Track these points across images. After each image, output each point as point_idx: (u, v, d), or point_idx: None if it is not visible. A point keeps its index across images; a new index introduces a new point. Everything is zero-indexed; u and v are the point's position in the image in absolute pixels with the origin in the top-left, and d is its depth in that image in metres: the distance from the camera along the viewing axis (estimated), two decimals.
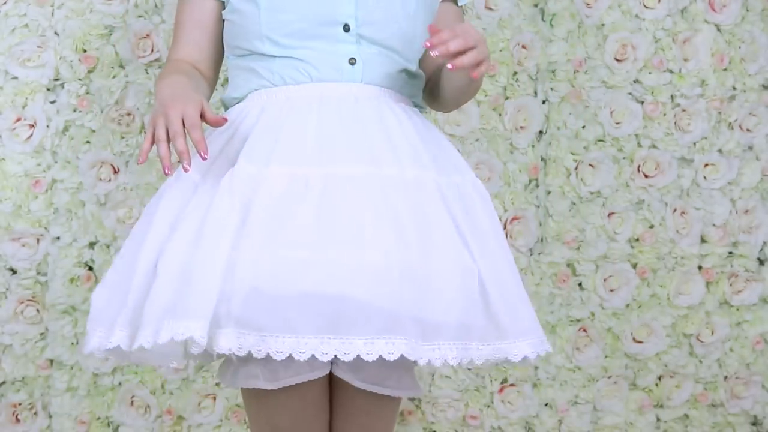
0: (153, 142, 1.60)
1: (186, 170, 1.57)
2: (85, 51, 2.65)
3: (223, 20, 1.86)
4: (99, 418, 2.72)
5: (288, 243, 1.55)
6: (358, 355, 1.53)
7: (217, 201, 1.60)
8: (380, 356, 1.52)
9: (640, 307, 2.88)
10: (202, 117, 1.60)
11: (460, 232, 1.65)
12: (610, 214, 2.85)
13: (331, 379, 1.79)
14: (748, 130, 2.91)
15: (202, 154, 1.56)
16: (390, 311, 1.52)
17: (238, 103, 1.83)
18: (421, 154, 1.71)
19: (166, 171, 1.57)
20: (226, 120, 1.63)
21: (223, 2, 1.85)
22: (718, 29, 2.88)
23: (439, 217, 1.65)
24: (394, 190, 1.63)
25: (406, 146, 1.70)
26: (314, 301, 1.52)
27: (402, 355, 1.54)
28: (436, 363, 1.56)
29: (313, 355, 1.52)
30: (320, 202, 1.58)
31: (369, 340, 1.51)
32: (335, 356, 1.54)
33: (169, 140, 1.58)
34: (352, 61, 1.76)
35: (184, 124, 1.57)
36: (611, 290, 2.86)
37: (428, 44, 1.60)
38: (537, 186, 2.83)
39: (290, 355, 1.53)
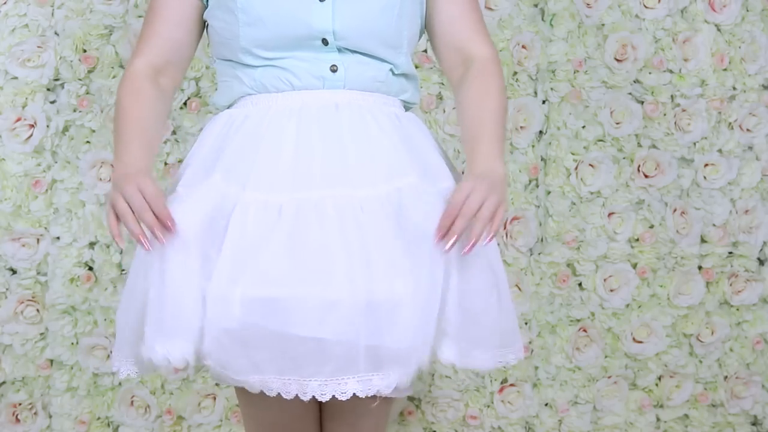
0: (118, 219, 1.63)
1: (147, 249, 1.60)
2: (85, 51, 2.65)
3: (205, 21, 1.83)
4: (99, 418, 2.72)
5: (257, 280, 1.60)
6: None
7: (196, 227, 1.64)
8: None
9: (640, 307, 2.88)
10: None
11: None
12: (610, 214, 2.85)
13: None
14: (748, 130, 2.91)
15: (169, 224, 1.59)
16: (346, 351, 1.59)
17: (226, 109, 1.82)
18: (403, 164, 1.70)
19: (146, 247, 1.61)
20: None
21: (205, 3, 1.81)
22: (718, 29, 2.88)
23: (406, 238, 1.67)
24: (365, 213, 1.64)
25: (383, 159, 1.69)
26: (279, 342, 1.59)
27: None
28: (384, 391, 1.62)
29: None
30: (292, 231, 1.61)
31: (323, 382, 1.59)
32: None
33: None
34: (334, 68, 1.74)
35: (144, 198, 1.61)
36: (611, 290, 2.86)
37: (439, 242, 1.61)
38: (537, 186, 2.83)
39: None
